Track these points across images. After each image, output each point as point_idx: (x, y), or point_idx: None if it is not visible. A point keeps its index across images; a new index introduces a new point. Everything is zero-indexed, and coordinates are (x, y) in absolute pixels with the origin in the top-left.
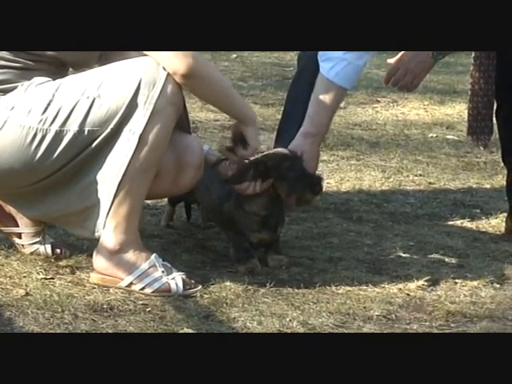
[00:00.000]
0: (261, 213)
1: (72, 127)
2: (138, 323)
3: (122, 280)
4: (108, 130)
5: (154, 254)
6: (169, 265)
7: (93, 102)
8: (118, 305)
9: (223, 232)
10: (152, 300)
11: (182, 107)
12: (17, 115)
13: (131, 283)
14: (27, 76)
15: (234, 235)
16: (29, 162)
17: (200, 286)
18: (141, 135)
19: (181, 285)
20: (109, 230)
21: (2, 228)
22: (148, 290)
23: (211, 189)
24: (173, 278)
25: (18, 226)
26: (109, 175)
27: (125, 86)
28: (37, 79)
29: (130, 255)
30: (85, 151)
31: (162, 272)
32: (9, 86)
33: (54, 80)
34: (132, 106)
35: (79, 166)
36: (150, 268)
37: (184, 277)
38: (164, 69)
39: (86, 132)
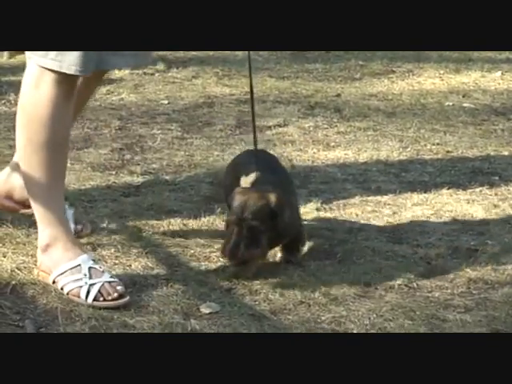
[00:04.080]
0: None
1: None
2: (161, 298)
3: (49, 276)
4: None
5: (81, 256)
6: (101, 268)
7: None
8: (140, 280)
9: None
10: (174, 275)
11: None
12: None
13: (54, 281)
14: None
15: None
16: None
17: (127, 298)
18: None
19: (93, 294)
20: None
21: (23, 211)
22: (65, 291)
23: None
24: (92, 284)
25: None
26: None
27: None
28: None
29: (58, 252)
30: None
31: (84, 275)
32: None
33: None
34: None
35: None
36: (72, 268)
37: (108, 285)
38: None
39: None
